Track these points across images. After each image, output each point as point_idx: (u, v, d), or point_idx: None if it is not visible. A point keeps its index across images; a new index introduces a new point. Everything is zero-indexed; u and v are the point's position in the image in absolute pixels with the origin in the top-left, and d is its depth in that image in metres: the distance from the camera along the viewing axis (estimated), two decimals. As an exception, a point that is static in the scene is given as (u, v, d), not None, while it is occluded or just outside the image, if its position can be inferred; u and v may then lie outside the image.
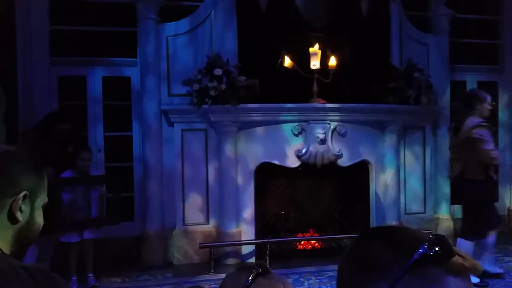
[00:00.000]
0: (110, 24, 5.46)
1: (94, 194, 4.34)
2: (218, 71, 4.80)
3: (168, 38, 5.21)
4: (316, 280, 4.54)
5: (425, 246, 0.59)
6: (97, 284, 4.37)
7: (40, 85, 5.18)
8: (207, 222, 5.11)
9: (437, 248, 0.59)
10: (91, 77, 5.39)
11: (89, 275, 4.39)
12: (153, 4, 5.07)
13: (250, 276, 0.98)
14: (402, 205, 5.60)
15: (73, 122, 4.63)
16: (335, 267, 0.63)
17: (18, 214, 1.09)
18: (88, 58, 5.39)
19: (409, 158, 5.68)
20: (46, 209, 1.19)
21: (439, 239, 0.60)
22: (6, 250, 1.07)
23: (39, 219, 1.15)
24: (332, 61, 4.83)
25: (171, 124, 5.13)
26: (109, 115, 5.42)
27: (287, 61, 4.80)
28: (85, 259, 4.40)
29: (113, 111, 5.46)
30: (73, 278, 4.30)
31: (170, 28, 5.20)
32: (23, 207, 1.10)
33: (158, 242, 5.06)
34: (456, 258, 0.59)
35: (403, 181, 5.62)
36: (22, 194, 1.09)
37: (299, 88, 4.92)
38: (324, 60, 4.85)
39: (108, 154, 5.39)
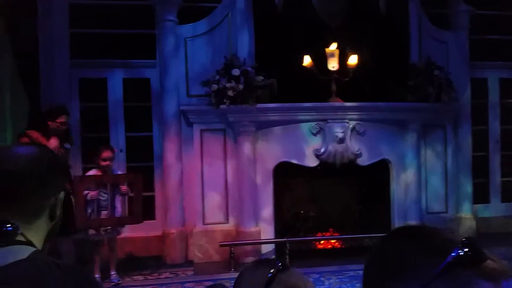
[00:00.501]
0: (130, 27, 5.53)
1: (117, 193, 4.40)
2: (235, 72, 4.84)
3: (187, 39, 5.26)
4: (337, 280, 4.51)
5: (458, 249, 0.58)
6: (120, 282, 4.43)
7: (61, 88, 5.27)
8: (227, 221, 5.14)
9: (470, 252, 0.57)
10: (112, 79, 5.47)
11: (112, 273, 4.44)
12: (172, 6, 5.13)
13: (270, 272, 0.95)
14: (423, 205, 5.53)
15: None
16: (356, 266, 0.61)
17: (58, 212, 1.13)
18: (108, 60, 5.47)
19: (430, 157, 5.61)
20: (67, 208, 1.23)
21: (472, 242, 0.59)
22: (39, 246, 1.11)
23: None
24: (353, 60, 4.80)
25: (190, 124, 5.18)
26: (129, 116, 5.49)
27: (307, 60, 4.79)
28: (109, 257, 4.46)
29: (134, 112, 5.53)
30: (97, 276, 4.37)
31: (188, 29, 5.25)
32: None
33: (178, 240, 5.11)
34: (488, 262, 0.58)
35: (424, 180, 5.55)
36: (62, 194, 1.14)
37: (317, 87, 4.92)
38: (341, 58, 4.84)
39: (130, 154, 5.46)
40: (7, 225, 0.99)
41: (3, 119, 5.19)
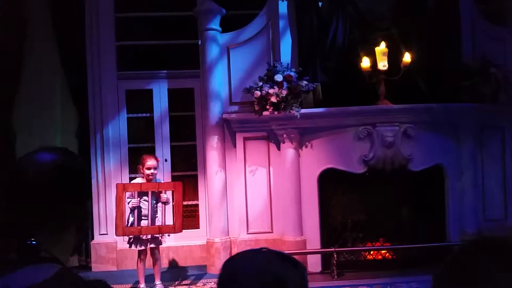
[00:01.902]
0: (173, 38, 5.59)
1: (159, 201, 4.39)
2: (278, 77, 4.75)
3: (229, 47, 5.24)
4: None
5: None
6: (164, 291, 4.41)
7: (109, 100, 5.39)
8: (271, 230, 5.03)
9: None
10: (157, 90, 5.54)
11: (157, 282, 4.42)
12: (214, 15, 5.13)
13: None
14: (480, 212, 5.16)
15: None
16: (409, 278, 0.56)
17: (86, 224, 1.09)
18: (153, 71, 5.54)
19: (487, 161, 5.24)
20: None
21: None
22: (66, 260, 1.03)
23: None
24: (407, 58, 4.61)
25: (233, 132, 5.13)
26: (174, 126, 5.53)
27: (366, 63, 4.63)
28: (153, 266, 4.45)
29: (178, 122, 5.56)
30: (142, 286, 4.36)
31: (231, 37, 5.24)
32: None
33: (222, 250, 5.03)
34: None
35: (481, 185, 5.18)
36: (90, 203, 1.09)
37: (364, 90, 4.75)
38: (390, 59, 4.65)
39: (174, 164, 5.49)
40: (31, 240, 0.92)
41: (54, 132, 5.36)
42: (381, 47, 4.65)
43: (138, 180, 4.46)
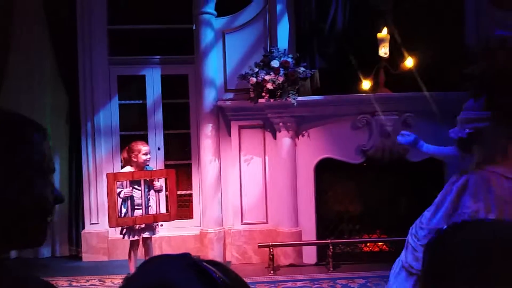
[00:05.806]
0: (167, 22, 5.41)
1: (151, 190, 4.26)
2: (275, 63, 4.60)
3: (225, 32, 5.07)
4: (386, 286, 4.15)
5: None
6: (155, 283, 4.28)
7: (100, 85, 5.23)
8: (266, 221, 4.91)
9: None
10: (150, 76, 5.38)
11: (149, 274, 4.30)
12: (209, -2, 4.95)
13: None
14: (481, 205, 5.03)
15: None
16: None
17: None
18: (146, 57, 5.37)
19: (489, 152, 5.09)
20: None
21: None
22: None
23: None
24: (409, 62, 4.43)
25: (228, 120, 4.99)
26: (167, 113, 5.38)
27: (366, 85, 4.50)
28: (145, 257, 4.33)
29: (171, 110, 5.41)
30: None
31: (226, 22, 5.06)
32: None
33: (216, 240, 4.93)
34: None
35: (482, 178, 5.04)
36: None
37: (362, 78, 4.59)
38: (392, 45, 4.48)
39: (167, 152, 5.35)
40: None
41: (44, 116, 5.22)
42: (383, 33, 4.47)
43: (128, 169, 4.31)
